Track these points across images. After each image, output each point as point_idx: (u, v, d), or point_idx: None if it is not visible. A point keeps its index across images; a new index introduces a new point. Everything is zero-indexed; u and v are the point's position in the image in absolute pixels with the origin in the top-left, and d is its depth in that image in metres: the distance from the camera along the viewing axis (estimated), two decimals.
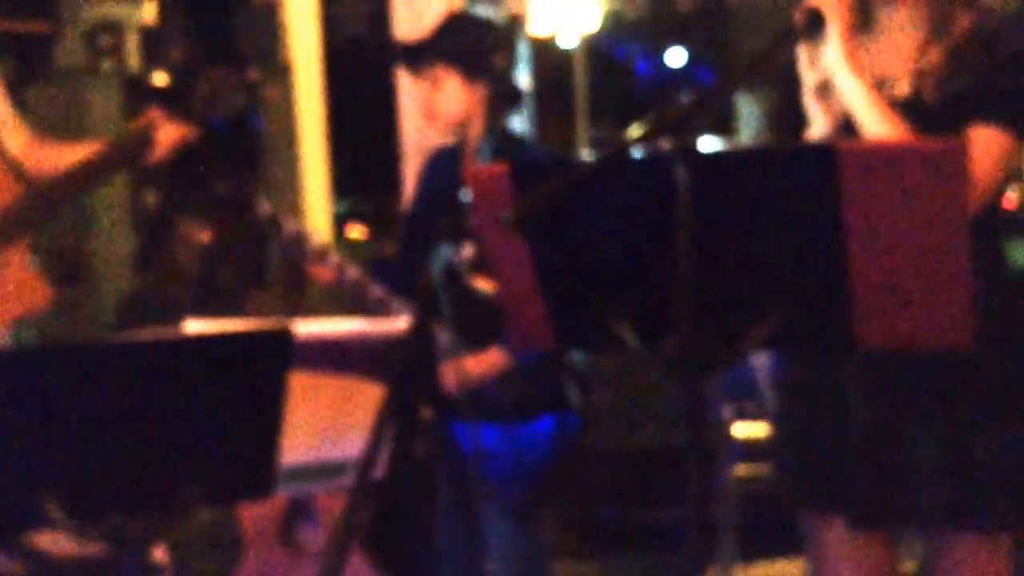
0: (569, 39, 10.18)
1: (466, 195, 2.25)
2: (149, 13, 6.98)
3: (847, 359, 2.68)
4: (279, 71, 7.44)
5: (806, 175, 2.05)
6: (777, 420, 2.92)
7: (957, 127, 2.55)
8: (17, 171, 3.58)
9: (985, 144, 2.55)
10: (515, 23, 4.55)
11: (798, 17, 2.54)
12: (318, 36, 7.44)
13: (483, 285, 3.35)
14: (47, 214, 3.69)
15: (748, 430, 4.84)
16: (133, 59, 7.01)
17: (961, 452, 2.64)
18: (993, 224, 2.69)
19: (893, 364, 2.64)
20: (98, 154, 3.67)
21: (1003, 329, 2.65)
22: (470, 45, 3.66)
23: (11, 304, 3.61)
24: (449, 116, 3.68)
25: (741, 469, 4.83)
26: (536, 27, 7.01)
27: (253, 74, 3.83)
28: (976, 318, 2.50)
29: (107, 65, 6.86)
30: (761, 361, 3.84)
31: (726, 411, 4.77)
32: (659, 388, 5.90)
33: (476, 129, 3.69)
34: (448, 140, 3.80)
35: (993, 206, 2.68)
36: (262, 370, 2.40)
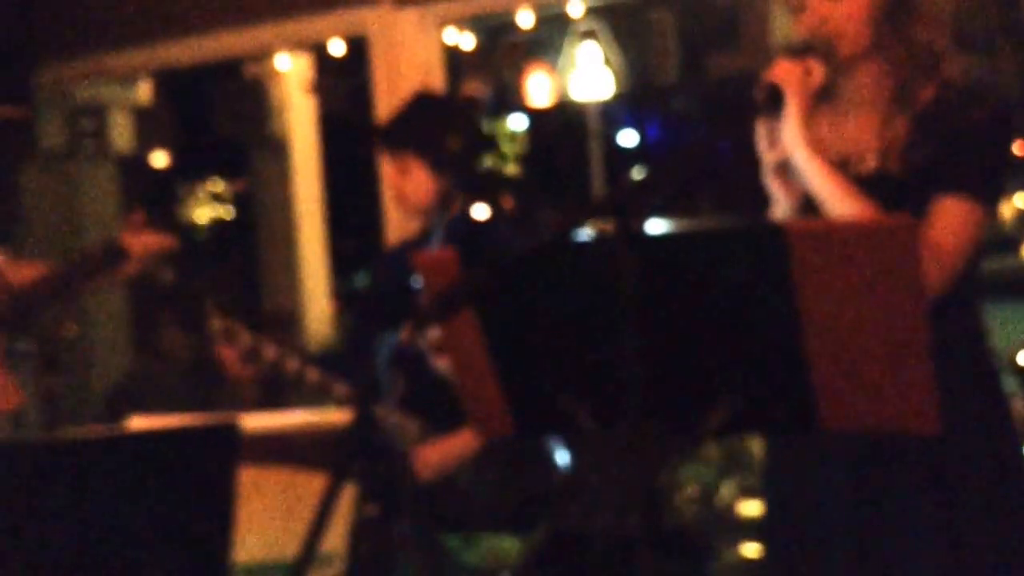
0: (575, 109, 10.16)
1: (416, 281, 2.21)
2: (144, 93, 7.02)
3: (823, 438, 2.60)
4: (273, 146, 7.45)
5: (756, 256, 2.00)
6: (767, 500, 2.83)
7: (925, 199, 2.50)
8: None
9: (952, 214, 2.50)
10: (472, 103, 4.54)
11: (757, 93, 2.48)
12: (313, 112, 7.45)
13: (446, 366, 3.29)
14: (22, 317, 3.69)
15: (754, 508, 4.69)
16: (121, 140, 7.04)
17: (952, 533, 2.55)
18: (970, 295, 2.62)
19: (877, 441, 2.56)
20: (70, 264, 3.68)
21: (986, 401, 2.59)
22: (432, 131, 3.67)
23: None
24: (417, 201, 3.68)
25: (749, 549, 4.67)
26: (537, 99, 7.04)
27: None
28: (956, 393, 2.45)
29: (89, 147, 6.90)
30: None
31: (729, 489, 4.66)
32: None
33: (443, 216, 3.69)
34: (418, 223, 3.80)
35: (968, 277, 2.61)
36: (210, 464, 2.35)
